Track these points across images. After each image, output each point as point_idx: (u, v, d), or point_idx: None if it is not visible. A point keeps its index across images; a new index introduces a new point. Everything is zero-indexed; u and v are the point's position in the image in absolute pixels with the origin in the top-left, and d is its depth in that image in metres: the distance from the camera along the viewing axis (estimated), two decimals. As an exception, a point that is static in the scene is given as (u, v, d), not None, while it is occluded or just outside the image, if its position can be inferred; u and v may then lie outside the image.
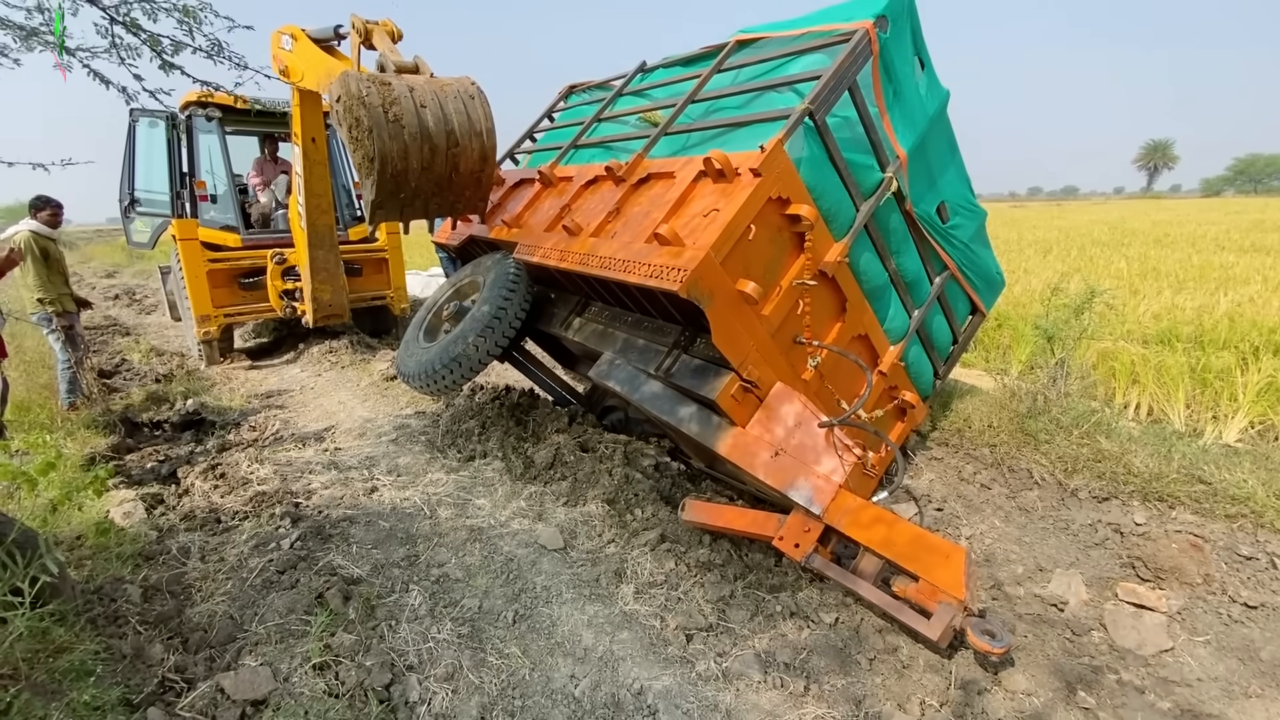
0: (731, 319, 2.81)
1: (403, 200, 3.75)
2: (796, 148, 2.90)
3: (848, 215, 3.13)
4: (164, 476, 4.20)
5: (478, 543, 3.29)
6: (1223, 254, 11.68)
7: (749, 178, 2.78)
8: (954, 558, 2.45)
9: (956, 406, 4.53)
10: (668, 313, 3.37)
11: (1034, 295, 7.84)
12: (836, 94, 2.94)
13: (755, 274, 2.87)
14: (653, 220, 3.06)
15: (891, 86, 3.25)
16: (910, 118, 3.36)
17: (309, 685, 2.25)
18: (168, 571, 2.93)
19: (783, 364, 3.09)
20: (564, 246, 3.50)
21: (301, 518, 3.45)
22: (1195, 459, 3.65)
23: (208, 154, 7.55)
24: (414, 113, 3.49)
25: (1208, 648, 2.64)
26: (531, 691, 2.34)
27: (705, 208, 2.92)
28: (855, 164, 3.12)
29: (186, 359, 7.48)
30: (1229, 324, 6.13)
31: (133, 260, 19.31)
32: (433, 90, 3.62)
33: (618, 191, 3.53)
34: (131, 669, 2.27)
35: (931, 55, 3.45)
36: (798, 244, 3.03)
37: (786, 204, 2.88)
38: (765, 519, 2.88)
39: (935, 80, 3.49)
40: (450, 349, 3.81)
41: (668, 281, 2.67)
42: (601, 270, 3.11)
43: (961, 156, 3.74)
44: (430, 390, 3.91)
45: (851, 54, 2.93)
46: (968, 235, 3.81)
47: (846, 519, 2.64)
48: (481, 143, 3.78)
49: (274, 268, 6.97)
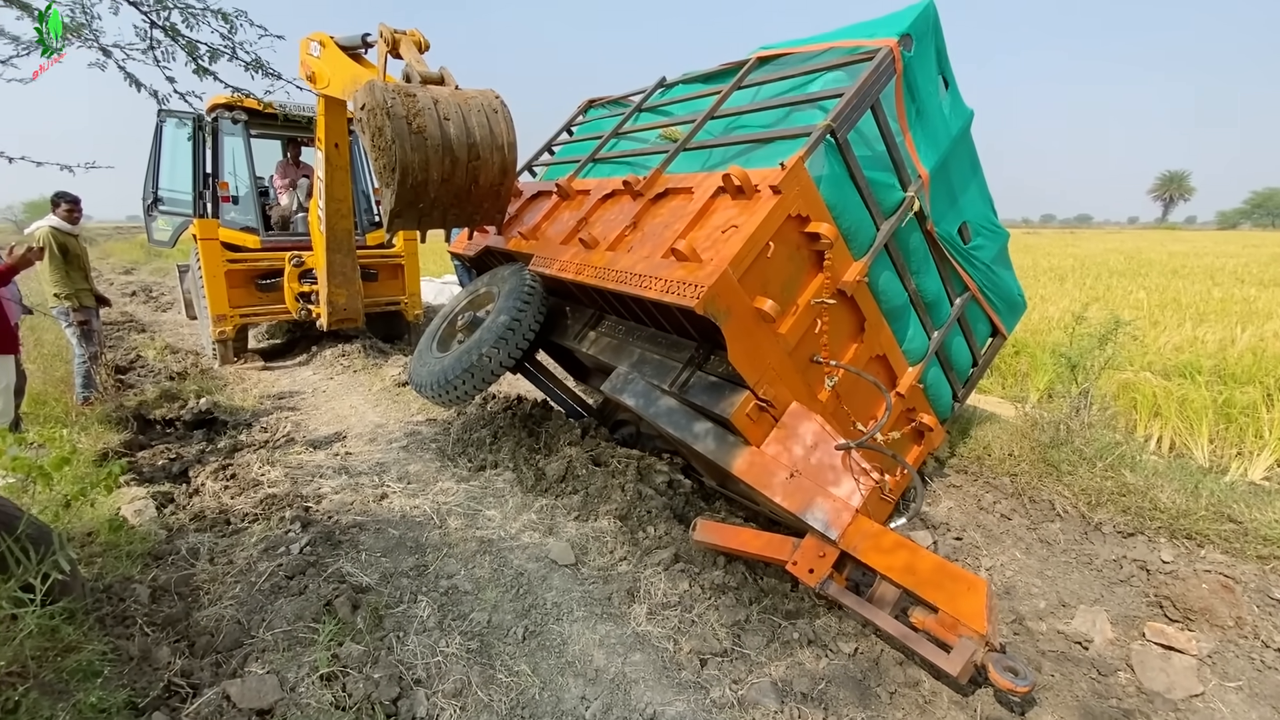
0: (748, 336, 2.77)
1: (421, 210, 3.76)
2: (817, 165, 2.87)
3: (868, 234, 3.10)
4: (175, 475, 4.18)
5: (488, 555, 3.24)
6: (1243, 287, 11.55)
7: (768, 194, 2.75)
8: (976, 589, 2.38)
9: (976, 434, 4.46)
10: (683, 328, 3.33)
11: (1051, 323, 7.77)
12: (859, 112, 2.91)
13: (773, 291, 2.84)
14: (670, 235, 3.03)
15: (915, 105, 3.23)
16: (933, 137, 3.34)
17: (315, 696, 2.20)
18: (176, 572, 2.90)
19: (799, 383, 3.04)
20: (580, 259, 3.48)
21: (311, 522, 3.42)
22: (1224, 496, 3.56)
23: (231, 156, 7.63)
24: (437, 125, 3.50)
25: (1240, 694, 2.55)
26: (541, 712, 2.28)
27: (724, 223, 2.89)
28: (876, 183, 3.09)
29: (200, 357, 7.51)
30: (1253, 358, 6.03)
31: (150, 258, 19.54)
32: (457, 103, 3.63)
33: (635, 206, 3.51)
34: (138, 671, 2.23)
35: (955, 75, 3.43)
36: (816, 262, 3.00)
37: (806, 222, 2.85)
38: (780, 542, 2.82)
39: (959, 100, 3.47)
40: (464, 359, 3.79)
41: (684, 298, 2.64)
42: (617, 284, 3.08)
43: (984, 177, 3.71)
44: (443, 400, 3.89)
45: (875, 72, 2.91)
46: (989, 256, 3.77)
47: (864, 545, 2.57)
48: (503, 156, 3.79)
49: (291, 270, 7.01)
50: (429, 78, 3.94)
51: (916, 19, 3.08)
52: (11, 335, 4.17)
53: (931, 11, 3.18)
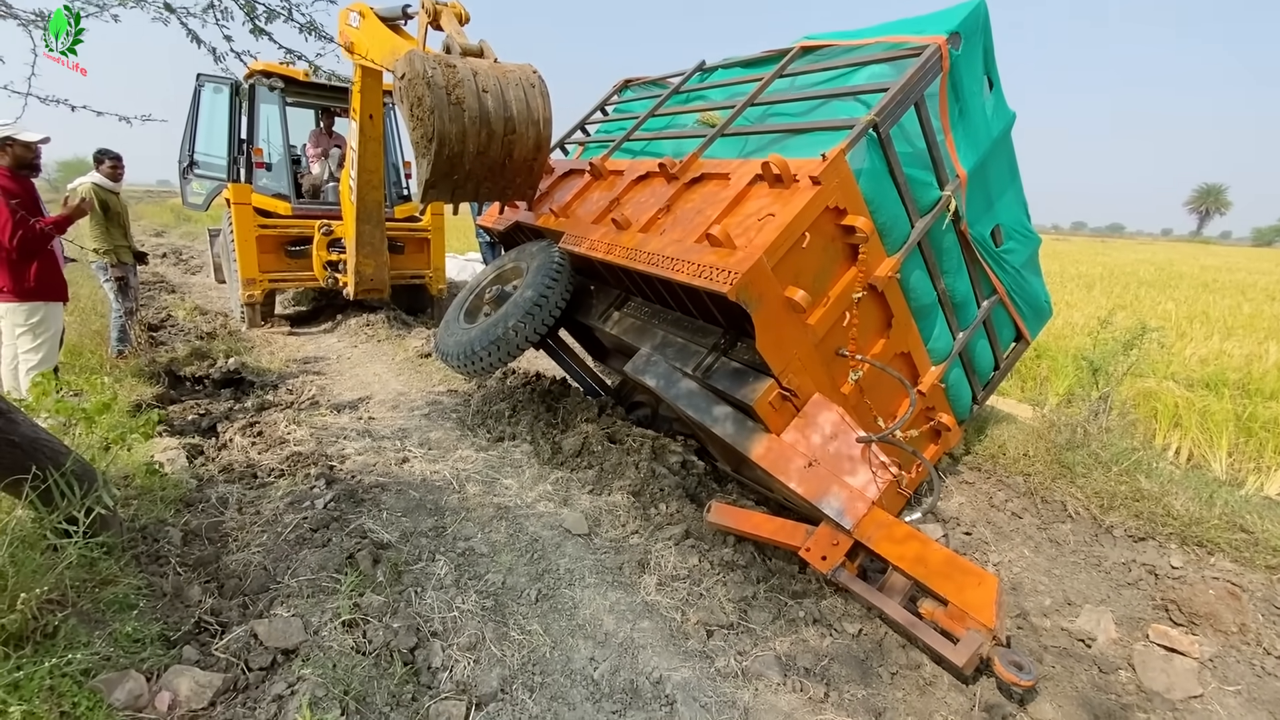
0: (777, 325, 2.79)
1: (455, 182, 3.81)
2: (858, 159, 2.85)
3: (903, 231, 3.09)
4: (204, 429, 4.32)
5: (504, 521, 3.33)
6: (1273, 304, 11.32)
7: (808, 185, 2.74)
8: (986, 584, 2.40)
9: (992, 432, 4.46)
10: (709, 313, 3.36)
11: (1076, 329, 7.68)
12: (903, 108, 2.89)
13: (805, 282, 2.85)
14: (704, 220, 3.04)
15: (958, 105, 3.20)
16: (974, 137, 3.31)
17: (338, 640, 2.30)
18: (206, 519, 3.02)
19: (823, 375, 3.06)
20: (611, 240, 3.50)
21: (335, 480, 3.53)
22: (1238, 507, 3.55)
23: (266, 123, 7.74)
24: (475, 97, 3.53)
25: (1238, 698, 2.57)
26: (551, 669, 2.37)
27: (760, 211, 2.89)
28: (914, 180, 3.07)
29: (229, 320, 7.68)
30: (1278, 375, 5.95)
31: (180, 221, 19.89)
32: (495, 76, 3.67)
33: (669, 189, 3.52)
34: (170, 607, 2.35)
35: (1000, 76, 3.41)
36: (849, 255, 3.00)
37: (843, 214, 2.84)
38: (792, 528, 2.86)
39: (1002, 101, 3.43)
40: (490, 332, 3.86)
41: (717, 283, 2.65)
42: (648, 266, 3.10)
43: (1021, 181, 3.68)
44: (467, 370, 3.97)
45: (921, 69, 2.88)
46: (1020, 261, 3.74)
47: (877, 535, 2.60)
48: (538, 131, 3.82)
49: (320, 238, 7.13)
50: (469, 50, 3.98)
51: (967, 17, 3.05)
52: (63, 284, 4.29)
53: (982, 10, 3.14)
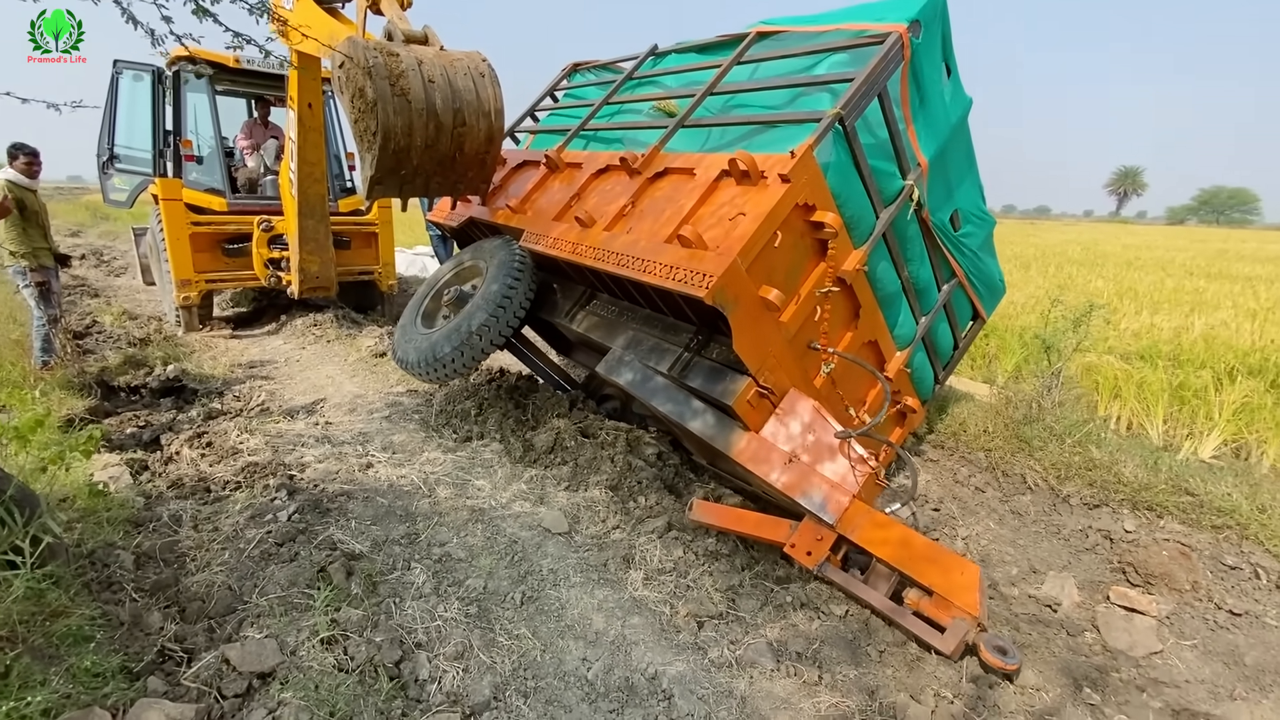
0: (753, 325, 2.77)
1: (403, 177, 3.61)
2: (825, 153, 2.84)
3: (868, 223, 3.11)
4: (146, 442, 4.04)
5: (479, 523, 3.24)
6: (1193, 279, 12.12)
7: (777, 183, 2.71)
8: (968, 574, 2.45)
9: (953, 411, 4.61)
10: (680, 311, 3.32)
11: (1019, 308, 8.03)
12: (868, 99, 2.87)
13: (777, 280, 2.83)
14: (673, 217, 2.99)
15: (919, 94, 3.22)
16: (934, 125, 3.34)
17: (317, 659, 2.19)
18: (160, 539, 2.82)
19: (796, 369, 3.06)
20: (576, 239, 3.40)
21: (297, 490, 3.36)
22: (1180, 471, 3.77)
23: (193, 113, 7.27)
24: (421, 88, 3.35)
25: (1195, 651, 2.74)
26: (544, 673, 2.32)
27: (729, 210, 2.85)
28: (879, 171, 3.07)
29: (163, 324, 7.21)
30: (1204, 345, 6.36)
31: (98, 220, 18.58)
32: (442, 65, 3.48)
33: (632, 184, 3.44)
34: (129, 636, 2.18)
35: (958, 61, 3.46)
36: (818, 250, 3.00)
37: (812, 210, 2.83)
38: (774, 523, 2.85)
39: (960, 87, 3.48)
40: (452, 337, 3.71)
41: (693, 287, 2.61)
42: (618, 268, 3.03)
43: (977, 165, 3.77)
44: (430, 378, 3.83)
45: (884, 59, 2.86)
46: (977, 244, 3.84)
47: (860, 529, 2.62)
48: (490, 124, 3.65)
49: (260, 235, 6.75)
50: (412, 36, 3.77)
51: (926, 4, 3.06)
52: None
53: None
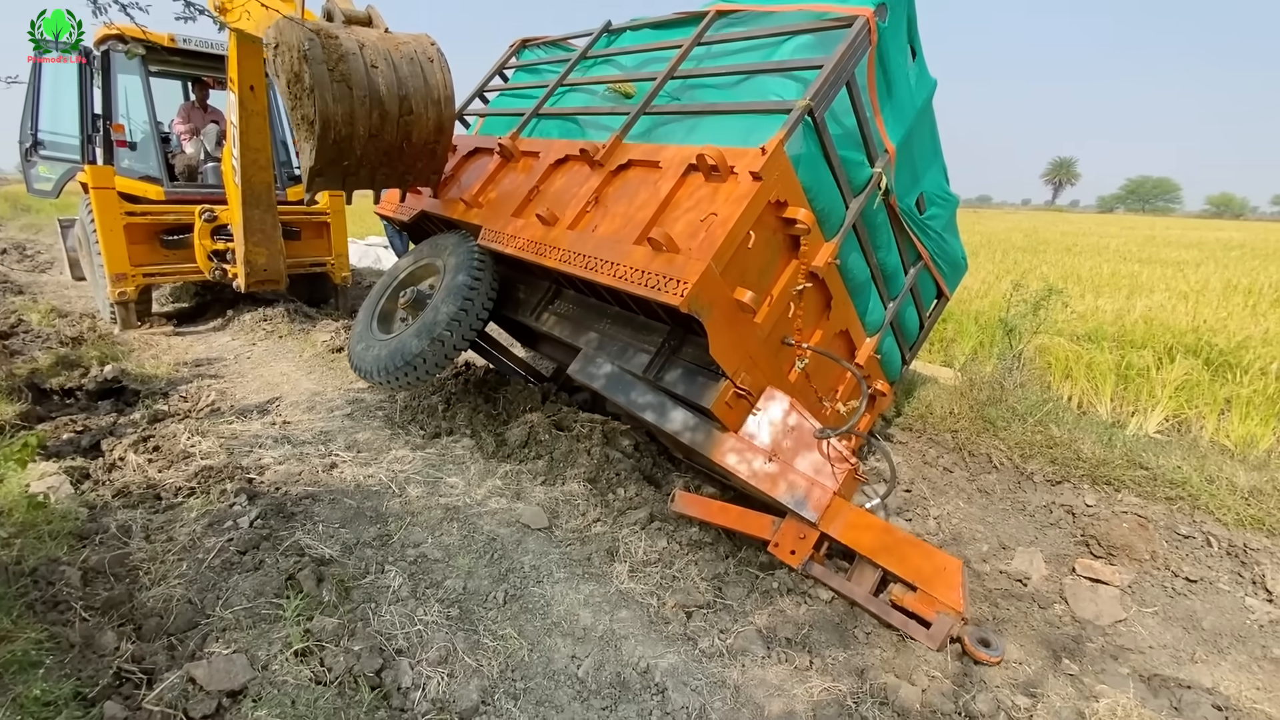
0: (728, 329, 2.69)
1: (346, 169, 3.40)
2: (794, 145, 2.73)
3: (839, 215, 3.02)
4: (85, 449, 3.77)
5: (455, 522, 3.14)
6: (1127, 264, 12.76)
7: (748, 181, 2.60)
8: (950, 570, 2.45)
9: (919, 394, 4.72)
10: (652, 310, 3.21)
11: (973, 294, 8.28)
12: (836, 89, 2.77)
13: (750, 279, 2.76)
14: (640, 216, 2.87)
15: (885, 79, 3.12)
16: (900, 110, 3.25)
17: (292, 673, 2.07)
18: (109, 552, 2.62)
19: (771, 366, 3.01)
20: (539, 238, 3.23)
21: (258, 494, 3.18)
22: (1134, 447, 3.95)
23: (125, 95, 6.79)
24: (363, 73, 3.13)
25: (1156, 618, 2.87)
26: (533, 673, 2.26)
27: (700, 209, 2.73)
28: (847, 161, 2.99)
29: (98, 321, 6.75)
30: (1144, 326, 6.69)
31: (18, 212, 17.29)
32: (386, 49, 3.27)
33: (595, 177, 3.28)
34: (82, 659, 2.02)
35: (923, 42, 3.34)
36: (790, 246, 2.92)
37: (784, 207, 2.75)
38: (758, 518, 2.82)
39: (925, 69, 3.40)
40: (413, 345, 3.54)
41: (667, 295, 2.50)
42: (586, 271, 2.90)
43: (941, 147, 3.72)
44: (391, 387, 3.68)
45: (851, 45, 2.75)
46: (942, 225, 3.84)
47: (842, 526, 2.62)
48: (439, 111, 3.46)
49: (203, 226, 6.36)
50: (354, 17, 3.51)
51: None
52: None
53: None
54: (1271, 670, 2.57)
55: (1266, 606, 2.88)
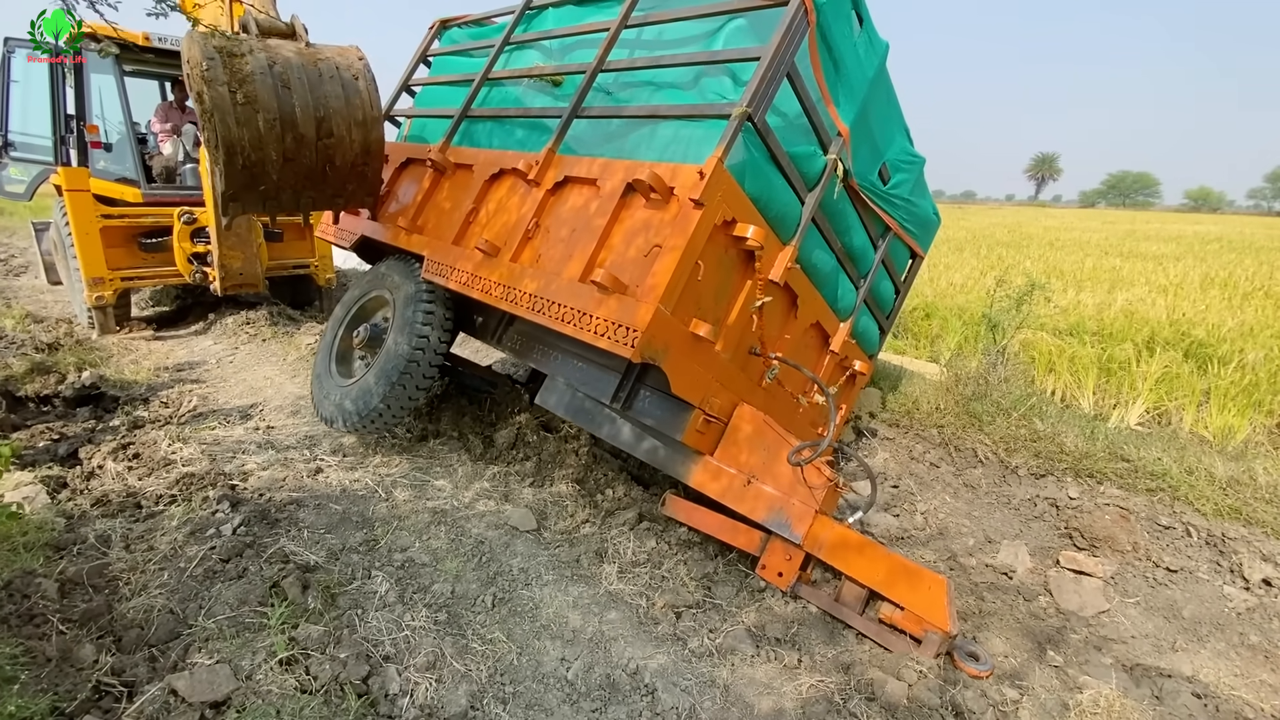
0: (688, 365, 2.57)
1: (264, 193, 3.21)
2: (736, 154, 2.52)
3: (794, 215, 2.87)
4: (62, 457, 3.69)
5: (442, 525, 3.12)
6: (1108, 258, 12.93)
7: (690, 208, 2.39)
8: (935, 588, 2.40)
9: (905, 389, 4.75)
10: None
11: (956, 288, 8.36)
12: (776, 85, 2.53)
13: (706, 306, 2.63)
14: (583, 248, 2.68)
15: (831, 58, 2.85)
16: (851, 87, 2.99)
17: (277, 682, 2.04)
18: (87, 563, 2.57)
19: (739, 380, 2.93)
20: (483, 274, 3.03)
21: (241, 501, 3.14)
22: (1115, 439, 4.00)
23: (99, 95, 6.66)
24: (272, 93, 2.91)
25: (1138, 608, 2.91)
26: (522, 677, 2.24)
27: (644, 236, 2.54)
28: (797, 156, 2.81)
29: (75, 326, 6.62)
30: (1125, 319, 6.78)
31: (-10, 215, 16.91)
32: (303, 64, 3.06)
33: (533, 196, 3.06)
34: (59, 673, 1.98)
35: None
36: (745, 260, 2.75)
37: (732, 225, 2.57)
38: (748, 533, 2.78)
39: (874, 34, 3.08)
40: (374, 393, 3.47)
41: (618, 345, 2.35)
42: (532, 314, 2.71)
43: (900, 109, 3.45)
44: (359, 434, 3.62)
45: (788, 33, 2.48)
46: (909, 189, 3.64)
47: (826, 546, 2.58)
48: (365, 134, 3.25)
49: (182, 228, 6.26)
50: (272, 29, 3.26)
51: None
52: None
53: None
54: (1248, 656, 2.62)
55: (1244, 594, 2.93)
